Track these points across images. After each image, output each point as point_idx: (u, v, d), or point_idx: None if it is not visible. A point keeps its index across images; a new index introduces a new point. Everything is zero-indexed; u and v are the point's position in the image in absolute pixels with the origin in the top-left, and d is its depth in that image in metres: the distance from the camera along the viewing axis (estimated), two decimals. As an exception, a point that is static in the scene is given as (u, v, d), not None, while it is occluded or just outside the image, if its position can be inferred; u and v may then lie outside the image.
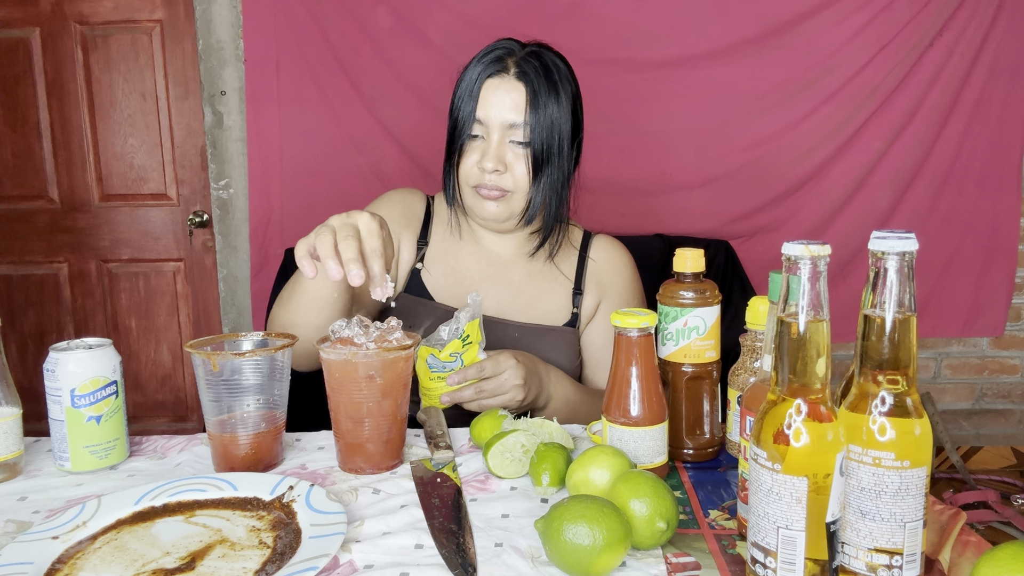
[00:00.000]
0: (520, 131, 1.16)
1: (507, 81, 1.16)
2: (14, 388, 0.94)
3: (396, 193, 1.34)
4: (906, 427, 0.61)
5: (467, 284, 1.27)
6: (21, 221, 2.77)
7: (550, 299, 1.28)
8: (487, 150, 1.17)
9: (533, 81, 1.16)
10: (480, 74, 1.18)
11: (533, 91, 1.16)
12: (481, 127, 1.18)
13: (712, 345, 0.93)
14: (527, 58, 1.18)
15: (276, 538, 0.75)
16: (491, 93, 1.16)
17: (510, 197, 1.19)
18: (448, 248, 1.30)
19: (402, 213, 1.30)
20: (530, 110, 1.15)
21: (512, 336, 1.23)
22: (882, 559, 0.62)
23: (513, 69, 1.17)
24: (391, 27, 2.43)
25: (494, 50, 1.19)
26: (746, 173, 2.51)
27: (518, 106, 1.16)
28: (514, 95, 1.16)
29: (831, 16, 2.42)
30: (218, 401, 0.91)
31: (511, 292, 1.27)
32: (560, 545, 0.66)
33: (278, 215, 2.56)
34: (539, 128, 1.16)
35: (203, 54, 2.60)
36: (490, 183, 1.18)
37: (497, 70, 1.17)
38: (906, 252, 0.60)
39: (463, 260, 1.29)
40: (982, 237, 2.58)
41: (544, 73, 1.17)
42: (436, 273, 1.28)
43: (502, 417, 0.96)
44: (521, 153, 1.17)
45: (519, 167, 1.17)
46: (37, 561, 0.70)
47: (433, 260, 1.29)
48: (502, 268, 1.29)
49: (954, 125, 2.49)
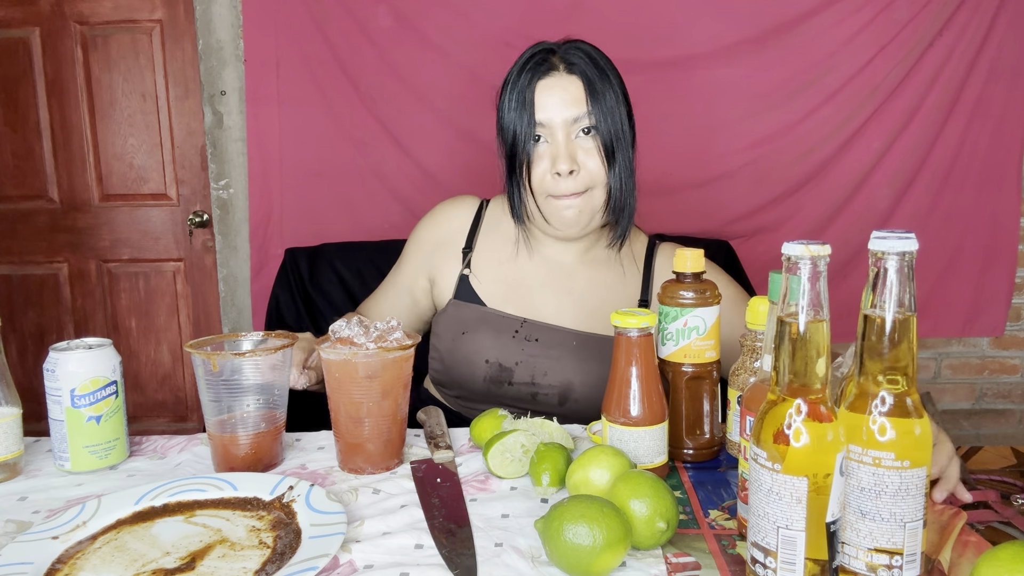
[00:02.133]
0: (585, 121, 1.12)
1: (561, 78, 1.13)
2: (14, 388, 0.94)
3: (439, 209, 1.31)
4: (906, 427, 0.61)
5: (523, 290, 1.23)
6: (21, 221, 2.77)
7: (613, 308, 1.22)
8: (557, 153, 1.12)
9: (585, 71, 1.13)
10: (531, 80, 1.13)
11: (588, 80, 1.12)
12: (543, 130, 1.13)
13: (712, 345, 0.93)
14: (569, 51, 1.15)
15: (276, 538, 0.75)
16: (546, 95, 1.12)
17: (589, 195, 1.14)
18: (500, 255, 1.25)
19: (439, 234, 1.28)
20: (590, 99, 1.12)
21: (571, 344, 1.19)
22: (882, 559, 0.62)
23: (561, 65, 1.14)
24: (391, 27, 2.43)
25: (533, 56, 1.15)
26: (746, 173, 2.51)
27: (577, 99, 1.12)
28: (572, 90, 1.12)
29: (831, 16, 2.41)
30: (218, 401, 0.91)
31: (572, 301, 1.22)
32: (560, 545, 0.66)
33: (278, 215, 2.56)
34: (602, 114, 1.12)
35: (203, 54, 2.59)
36: (566, 190, 1.13)
37: (545, 71, 1.13)
38: (906, 252, 0.60)
39: (520, 266, 1.24)
40: (982, 237, 2.58)
41: (592, 61, 1.14)
42: (487, 279, 1.24)
43: (502, 417, 0.96)
44: (591, 146, 1.13)
45: (591, 161, 1.13)
46: (37, 561, 0.70)
47: (482, 266, 1.25)
48: (563, 277, 1.23)
49: (954, 125, 2.49)
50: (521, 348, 1.19)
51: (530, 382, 1.18)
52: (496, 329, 1.19)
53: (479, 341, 1.19)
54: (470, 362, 1.19)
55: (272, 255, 2.54)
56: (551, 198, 1.15)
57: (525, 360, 1.18)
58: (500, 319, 1.20)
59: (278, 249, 2.50)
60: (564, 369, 1.18)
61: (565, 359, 1.18)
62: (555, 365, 1.18)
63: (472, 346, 1.20)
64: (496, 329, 1.19)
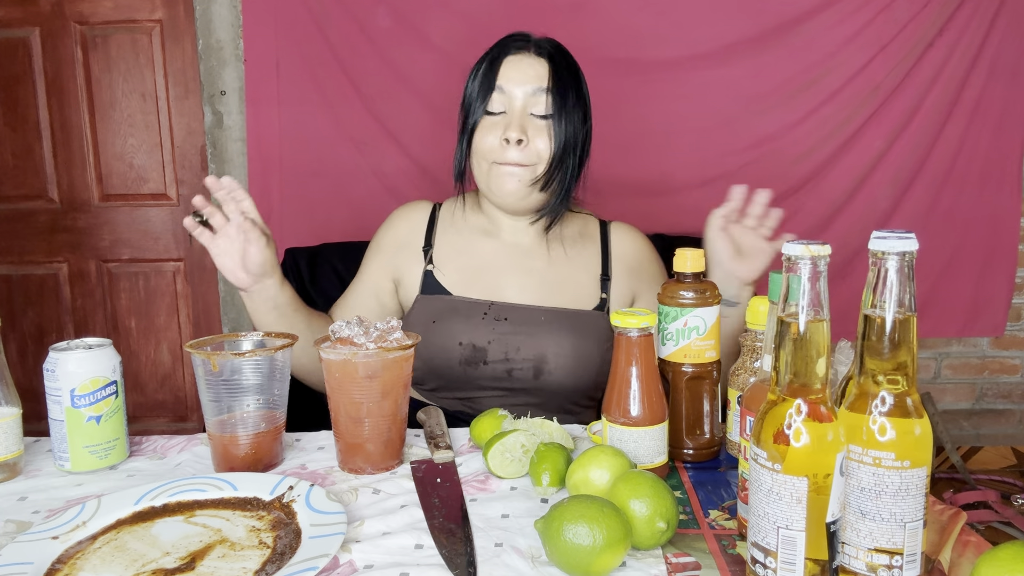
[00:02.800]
0: (542, 102, 1.17)
1: (529, 56, 1.19)
2: (14, 388, 0.94)
3: (395, 215, 1.36)
4: (906, 427, 0.61)
5: (487, 275, 1.27)
6: (21, 221, 2.77)
7: (576, 285, 1.28)
8: (510, 121, 1.17)
9: (555, 58, 1.19)
10: (500, 53, 1.19)
11: (555, 66, 1.18)
12: (503, 98, 1.18)
13: (712, 345, 0.93)
14: (545, 41, 1.22)
15: (276, 538, 0.74)
16: (513, 66, 1.18)
17: (532, 170, 1.19)
18: (461, 246, 1.30)
19: (398, 236, 1.33)
20: (553, 81, 1.17)
21: (539, 320, 1.23)
22: (882, 559, 0.62)
23: (534, 48, 1.20)
24: (391, 27, 2.43)
25: (509, 36, 1.22)
26: (746, 173, 2.51)
27: (541, 76, 1.18)
28: (537, 67, 1.18)
29: (831, 16, 2.41)
30: (218, 401, 0.91)
31: (535, 279, 1.27)
32: (560, 545, 0.66)
33: (278, 215, 2.56)
34: (560, 104, 1.17)
35: (203, 54, 2.59)
36: (512, 159, 1.17)
37: (518, 48, 1.20)
38: (906, 252, 0.60)
39: (480, 253, 1.29)
40: (982, 237, 2.58)
41: (563, 57, 1.21)
42: (450, 270, 1.28)
43: (502, 417, 0.96)
44: (542, 125, 1.18)
45: (540, 140, 1.18)
46: (37, 561, 0.70)
47: (444, 259, 1.29)
48: (523, 257, 1.29)
49: (954, 125, 2.49)
50: (492, 328, 1.22)
51: (504, 359, 1.21)
52: (465, 314, 1.23)
53: (450, 327, 1.21)
54: (444, 348, 1.21)
55: (272, 255, 2.54)
56: (496, 164, 1.19)
57: (497, 338, 1.21)
58: (468, 304, 1.24)
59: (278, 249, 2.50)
60: (536, 343, 1.21)
61: (536, 334, 1.21)
62: (526, 340, 1.21)
63: (444, 332, 1.22)
64: (465, 314, 1.23)
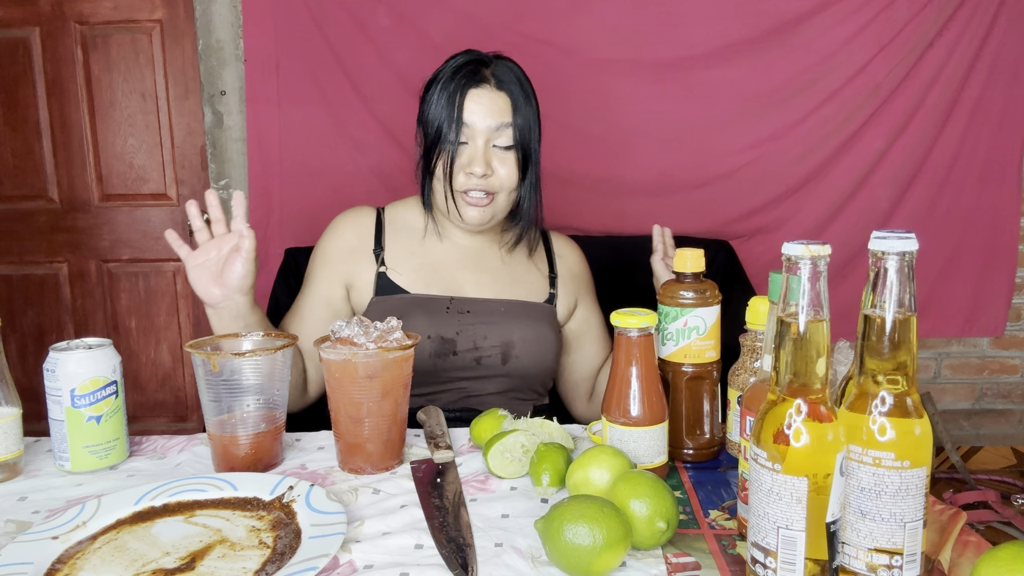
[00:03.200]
0: (504, 135, 1.23)
1: (490, 90, 1.23)
2: (14, 388, 0.94)
3: (338, 222, 1.38)
4: (906, 427, 0.61)
5: (443, 273, 1.31)
6: (21, 221, 2.77)
7: (528, 282, 1.34)
8: (474, 155, 1.22)
9: (512, 89, 1.24)
10: (463, 87, 1.23)
11: (514, 98, 1.24)
12: (466, 131, 1.22)
13: (712, 345, 0.93)
14: (500, 69, 1.25)
15: (276, 538, 0.75)
16: (475, 103, 1.22)
17: (495, 200, 1.25)
18: (413, 247, 1.33)
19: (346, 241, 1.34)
20: (514, 114, 1.23)
21: (500, 311, 1.28)
22: (882, 559, 0.62)
23: (492, 80, 1.24)
24: (391, 27, 2.43)
25: (467, 63, 1.25)
26: (746, 173, 2.51)
27: (503, 111, 1.23)
28: (499, 102, 1.23)
29: (831, 16, 2.41)
30: (218, 401, 0.91)
31: (490, 276, 1.33)
32: (560, 545, 0.66)
33: (278, 215, 2.56)
34: (521, 131, 1.23)
35: (203, 54, 2.59)
36: (476, 186, 1.23)
37: (477, 81, 1.23)
38: (906, 252, 0.60)
39: (433, 253, 1.33)
40: (982, 237, 2.58)
41: (519, 82, 1.26)
42: (405, 270, 1.31)
43: (502, 417, 0.96)
44: (504, 156, 1.23)
45: (503, 169, 1.23)
46: (37, 561, 0.70)
47: (397, 260, 1.32)
48: (476, 257, 1.34)
49: (954, 125, 2.49)
50: (457, 320, 1.26)
51: (473, 347, 1.25)
52: (427, 310, 1.26)
53: (415, 323, 1.23)
54: None
55: (272, 255, 2.54)
56: (461, 195, 1.25)
57: (464, 329, 1.25)
58: (429, 300, 1.27)
59: (278, 249, 2.50)
60: (501, 331, 1.26)
61: (499, 323, 1.27)
62: (492, 328, 1.26)
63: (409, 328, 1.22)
64: (427, 310, 1.26)
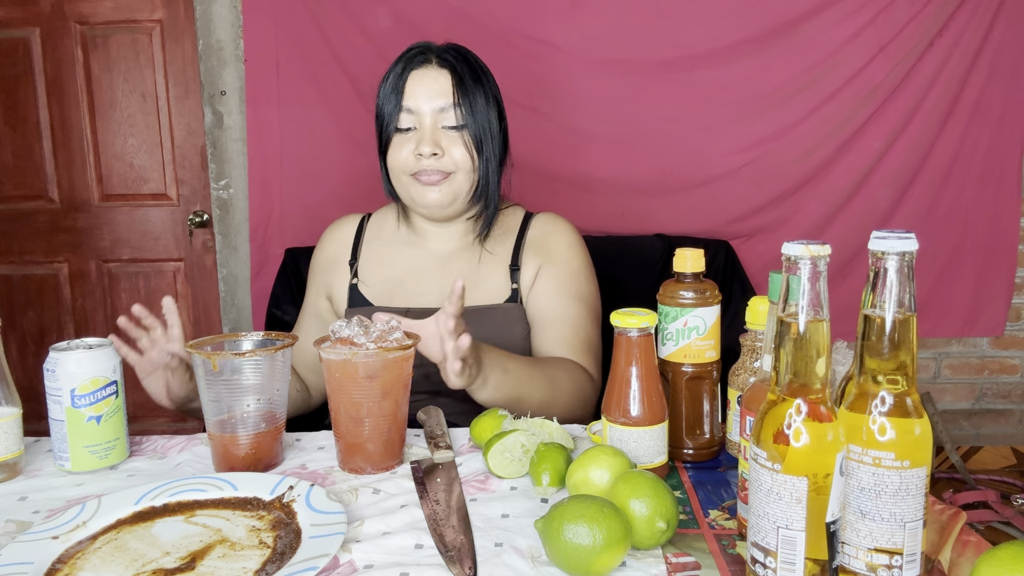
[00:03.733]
0: (451, 114, 1.20)
1: (432, 69, 1.21)
2: (14, 388, 0.94)
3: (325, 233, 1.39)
4: (906, 427, 0.61)
5: (407, 284, 1.30)
6: (21, 221, 2.77)
7: (489, 280, 1.29)
8: (421, 137, 1.19)
9: (457, 67, 1.21)
10: (404, 69, 1.21)
11: (459, 76, 1.20)
12: (411, 117, 1.20)
13: (712, 345, 0.93)
14: (446, 51, 1.23)
15: (276, 538, 0.75)
16: (417, 83, 1.20)
17: (452, 179, 1.21)
18: (383, 258, 1.33)
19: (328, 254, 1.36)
20: (459, 93, 1.20)
21: None
22: (882, 559, 0.62)
23: (435, 59, 1.22)
24: (391, 27, 2.43)
25: (411, 49, 1.24)
26: (746, 173, 2.51)
27: (446, 91, 1.20)
28: (441, 81, 1.20)
29: (831, 16, 2.41)
30: (218, 401, 0.91)
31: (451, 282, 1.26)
32: (560, 545, 0.66)
33: (278, 215, 2.56)
34: (470, 112, 1.20)
35: (203, 54, 2.59)
36: (429, 167, 1.20)
37: (420, 62, 1.21)
38: (906, 252, 0.60)
39: (400, 263, 1.32)
40: (982, 237, 2.58)
41: (465, 61, 1.23)
42: (373, 282, 1.31)
43: (502, 417, 0.97)
44: (455, 136, 1.20)
45: (456, 150, 1.20)
46: (37, 561, 0.70)
47: (368, 271, 1.32)
48: (443, 263, 1.31)
49: (954, 125, 2.49)
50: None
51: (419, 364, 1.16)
52: None
53: None
54: None
55: (272, 255, 2.54)
56: (415, 180, 1.22)
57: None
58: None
59: (278, 249, 2.50)
60: None
61: None
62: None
63: None
64: None
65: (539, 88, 2.43)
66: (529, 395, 1.09)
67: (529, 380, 1.10)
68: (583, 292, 1.29)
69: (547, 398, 1.11)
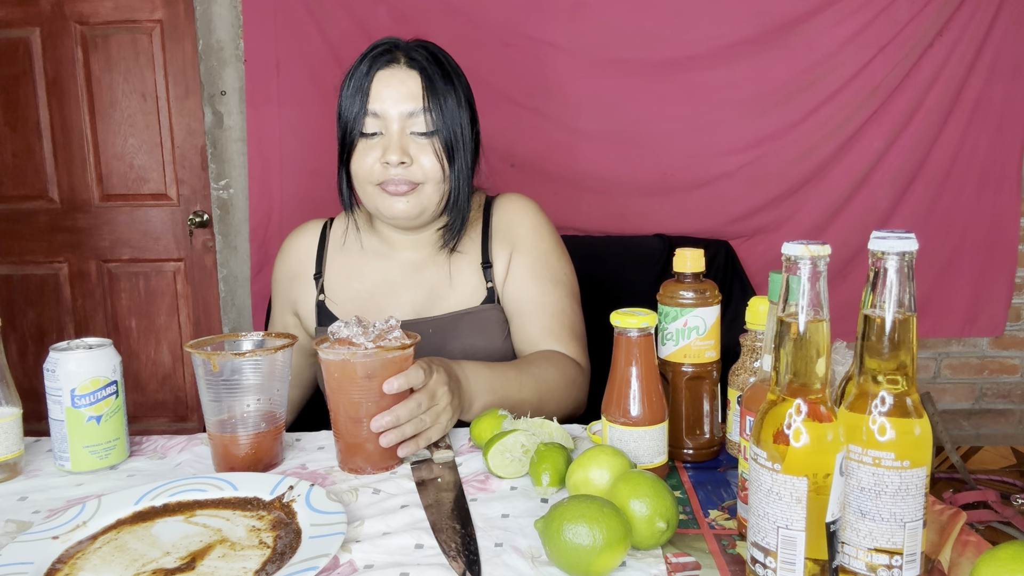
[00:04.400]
0: (421, 120, 1.11)
1: (400, 70, 1.11)
2: (14, 388, 0.94)
3: (285, 244, 1.32)
4: (906, 427, 0.61)
5: (378, 298, 1.23)
6: (21, 221, 2.77)
7: (463, 285, 1.22)
8: (388, 144, 1.10)
9: (427, 68, 1.11)
10: (370, 69, 1.11)
11: (428, 78, 1.11)
12: (377, 122, 1.11)
13: (712, 345, 0.93)
14: (414, 48, 1.13)
15: (276, 538, 0.75)
16: (383, 85, 1.10)
17: (420, 190, 1.13)
18: (350, 270, 1.25)
19: (289, 268, 1.29)
20: (429, 96, 1.10)
21: (427, 332, 1.17)
22: (882, 559, 0.62)
23: (403, 59, 1.12)
24: (391, 27, 2.43)
25: (378, 46, 1.13)
26: (746, 173, 2.51)
27: (415, 94, 1.10)
28: (409, 83, 1.10)
29: (831, 16, 2.42)
30: (218, 401, 0.91)
31: (423, 291, 1.22)
32: (560, 545, 0.66)
33: (278, 215, 2.56)
34: (441, 115, 1.11)
35: (203, 54, 2.60)
36: (397, 177, 1.11)
37: (387, 61, 1.11)
38: (906, 252, 0.60)
39: (368, 277, 1.24)
40: (982, 237, 2.58)
41: (435, 61, 1.13)
42: (342, 299, 1.23)
43: (502, 417, 0.96)
44: (425, 143, 1.11)
45: (425, 158, 1.11)
46: (37, 561, 0.70)
47: (335, 287, 1.25)
48: (414, 271, 1.24)
49: (954, 125, 2.49)
50: None
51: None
52: None
53: None
54: None
55: (272, 255, 2.54)
56: (381, 191, 1.13)
57: None
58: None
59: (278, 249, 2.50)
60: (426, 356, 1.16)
61: (424, 347, 1.15)
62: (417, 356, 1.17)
63: None
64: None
65: (539, 88, 2.43)
66: (519, 402, 1.07)
67: (517, 387, 1.08)
68: (557, 274, 1.23)
69: (537, 400, 1.09)
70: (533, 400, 1.09)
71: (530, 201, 1.28)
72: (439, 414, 0.94)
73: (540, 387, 1.10)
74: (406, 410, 0.90)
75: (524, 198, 1.28)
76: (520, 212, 1.25)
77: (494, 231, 1.24)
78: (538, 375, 1.11)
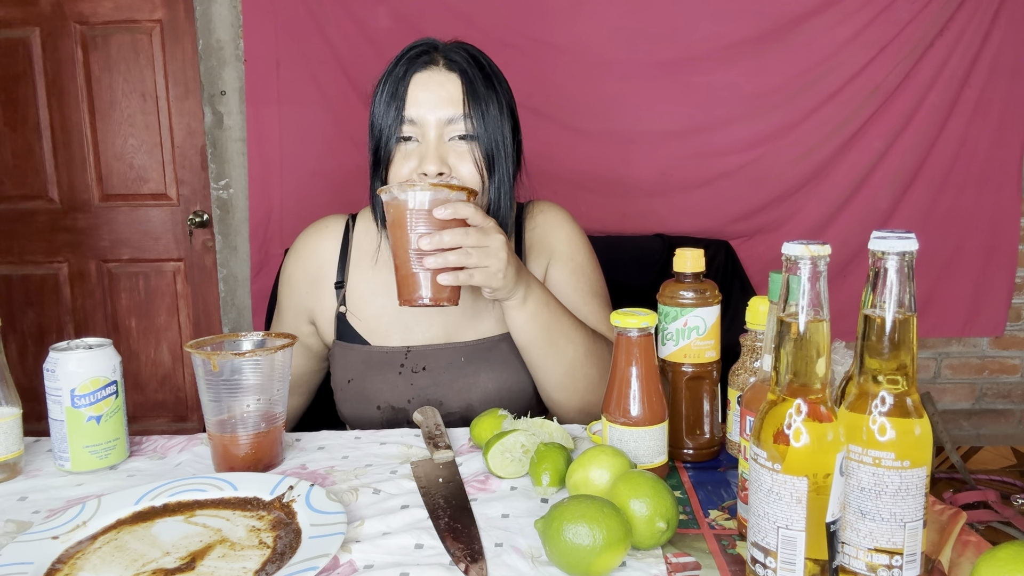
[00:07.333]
0: (460, 125, 1.03)
1: (439, 73, 1.03)
2: (14, 388, 0.94)
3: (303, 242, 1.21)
4: (906, 427, 0.61)
5: (405, 317, 1.14)
6: (21, 221, 2.77)
7: (496, 307, 1.14)
8: (425, 152, 1.02)
9: (467, 70, 1.03)
10: (406, 72, 1.04)
11: (469, 81, 1.03)
12: (414, 128, 1.03)
13: (712, 345, 0.93)
14: (453, 50, 1.06)
15: (276, 538, 0.75)
16: (421, 89, 1.02)
17: None
18: (376, 284, 1.16)
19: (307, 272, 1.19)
20: (470, 101, 1.02)
21: (459, 361, 1.13)
22: (882, 559, 0.62)
23: (442, 60, 1.04)
24: (391, 27, 2.43)
25: (414, 47, 1.06)
26: (746, 173, 2.51)
27: (454, 98, 1.03)
28: (449, 87, 1.03)
29: (832, 17, 2.42)
30: (218, 401, 0.91)
31: (455, 313, 1.14)
32: (560, 545, 0.66)
33: (278, 215, 2.56)
34: (482, 121, 1.03)
35: (203, 54, 2.60)
36: None
37: (424, 64, 1.04)
38: (906, 252, 0.60)
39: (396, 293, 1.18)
40: (982, 237, 2.58)
41: (476, 63, 1.05)
42: (366, 315, 1.15)
43: (502, 417, 0.97)
44: (465, 150, 1.03)
45: (464, 167, 1.03)
46: (37, 561, 0.70)
47: (358, 300, 1.16)
48: None
49: (954, 125, 2.49)
50: (410, 383, 1.12)
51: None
52: (380, 369, 1.12)
53: (366, 388, 1.12)
54: (363, 409, 1.14)
55: (272, 255, 2.54)
56: None
57: (416, 396, 1.12)
58: (383, 355, 1.13)
59: (278, 249, 2.50)
60: (458, 394, 1.12)
61: (456, 381, 1.12)
62: (448, 392, 1.12)
63: (360, 395, 1.13)
64: (380, 369, 1.12)
65: (539, 88, 2.44)
66: (563, 345, 1.01)
67: (570, 327, 1.03)
68: (594, 286, 1.20)
69: (581, 358, 1.03)
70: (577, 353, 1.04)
71: (563, 210, 1.24)
72: (488, 256, 0.93)
73: (588, 345, 1.05)
74: (451, 236, 0.91)
75: (557, 207, 1.23)
76: (556, 222, 1.21)
77: (528, 243, 1.18)
78: (591, 334, 1.07)
